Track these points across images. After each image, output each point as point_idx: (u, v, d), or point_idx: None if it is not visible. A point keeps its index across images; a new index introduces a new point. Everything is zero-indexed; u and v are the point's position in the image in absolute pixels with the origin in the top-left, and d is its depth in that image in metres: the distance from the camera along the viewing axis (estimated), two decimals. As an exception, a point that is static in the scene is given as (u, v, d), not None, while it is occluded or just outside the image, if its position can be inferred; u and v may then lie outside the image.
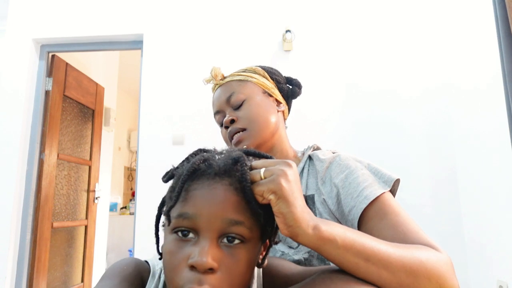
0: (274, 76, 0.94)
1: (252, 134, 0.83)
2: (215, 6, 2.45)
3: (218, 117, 0.90)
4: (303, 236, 0.47)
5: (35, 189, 2.51)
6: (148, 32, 2.47)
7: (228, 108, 0.88)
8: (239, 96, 0.86)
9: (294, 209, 0.46)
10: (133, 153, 5.62)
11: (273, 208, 0.47)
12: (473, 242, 1.90)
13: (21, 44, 2.56)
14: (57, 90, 2.70)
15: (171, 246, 0.47)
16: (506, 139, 1.54)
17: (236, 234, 0.46)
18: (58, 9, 2.58)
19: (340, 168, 0.76)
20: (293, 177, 0.48)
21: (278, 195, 0.46)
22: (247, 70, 0.92)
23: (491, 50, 1.71)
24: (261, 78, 0.91)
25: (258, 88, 0.89)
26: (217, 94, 0.92)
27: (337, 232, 0.49)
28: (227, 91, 0.89)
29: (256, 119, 0.84)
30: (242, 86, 0.88)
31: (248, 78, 0.89)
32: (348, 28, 2.33)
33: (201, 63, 2.38)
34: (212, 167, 0.48)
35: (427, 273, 0.50)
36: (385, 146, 2.14)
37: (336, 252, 0.48)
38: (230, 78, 0.90)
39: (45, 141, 2.58)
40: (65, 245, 2.85)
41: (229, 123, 0.85)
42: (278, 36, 2.35)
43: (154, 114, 2.35)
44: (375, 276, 0.48)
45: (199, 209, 0.46)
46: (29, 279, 2.41)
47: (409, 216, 0.64)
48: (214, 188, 0.47)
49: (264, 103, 0.88)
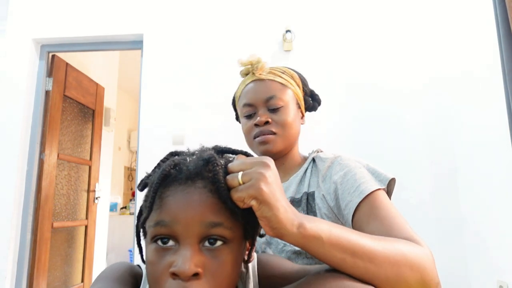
0: (305, 87, 0.97)
1: (281, 140, 0.87)
2: (215, 6, 2.45)
3: (248, 109, 0.90)
4: (288, 236, 0.47)
5: (35, 189, 2.51)
6: (148, 32, 2.47)
7: (263, 108, 0.88)
8: (279, 102, 0.88)
9: (277, 211, 0.46)
10: (133, 153, 5.62)
11: (256, 213, 0.46)
12: (473, 242, 1.90)
13: (21, 44, 2.56)
14: (57, 90, 2.70)
15: (152, 256, 0.46)
16: (506, 138, 1.54)
17: (217, 235, 0.46)
18: (58, 9, 2.58)
19: (340, 166, 0.79)
20: (273, 178, 0.47)
21: (260, 200, 0.45)
22: (286, 73, 0.93)
23: (491, 49, 1.71)
24: (296, 87, 0.93)
25: (294, 98, 0.92)
26: (255, 89, 0.90)
27: (322, 229, 0.49)
28: (267, 91, 0.88)
29: (288, 128, 0.87)
30: (283, 92, 0.89)
31: (288, 85, 0.91)
32: (348, 28, 2.33)
33: (201, 63, 2.38)
34: (182, 171, 0.47)
35: (409, 264, 0.52)
36: (385, 145, 2.14)
37: (322, 249, 0.49)
38: (272, 77, 0.90)
39: (45, 141, 2.58)
40: (65, 245, 2.85)
41: (263, 123, 0.87)
42: (278, 36, 2.35)
43: (154, 114, 2.35)
44: (362, 270, 0.49)
45: (175, 215, 0.45)
46: (29, 279, 2.41)
47: (398, 212, 0.67)
48: (187, 193, 0.46)
49: (295, 114, 0.91)
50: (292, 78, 0.93)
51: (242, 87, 0.94)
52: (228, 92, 2.37)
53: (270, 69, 0.92)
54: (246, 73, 0.94)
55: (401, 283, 0.51)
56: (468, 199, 1.96)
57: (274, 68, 0.93)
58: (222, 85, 2.33)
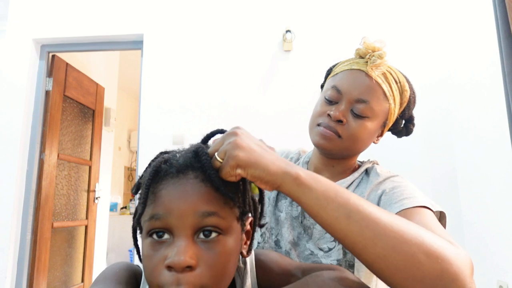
0: (407, 110, 0.85)
1: (341, 147, 0.76)
2: (215, 6, 2.45)
3: (333, 94, 0.78)
4: (284, 185, 0.46)
5: (35, 189, 2.51)
6: (148, 32, 2.47)
7: (348, 104, 0.76)
8: (367, 111, 0.75)
9: (264, 165, 0.46)
10: (133, 153, 5.62)
11: (248, 178, 0.47)
12: (473, 242, 1.90)
13: (21, 44, 2.56)
14: (57, 90, 2.70)
15: (148, 250, 0.46)
16: (506, 137, 1.54)
17: (212, 226, 0.46)
18: (58, 9, 2.58)
19: (393, 183, 0.72)
20: (245, 141, 0.47)
21: (242, 165, 0.46)
22: (399, 84, 0.80)
23: (491, 49, 1.71)
24: (397, 106, 0.80)
25: (386, 115, 0.79)
26: (354, 81, 0.77)
27: (319, 181, 0.47)
28: (364, 92, 0.76)
29: (357, 142, 0.77)
30: (379, 103, 0.76)
31: (390, 98, 0.78)
32: (348, 28, 2.33)
33: (201, 63, 2.38)
34: (173, 165, 0.48)
35: (425, 250, 0.43)
36: (385, 145, 2.14)
37: (316, 202, 0.46)
38: (381, 81, 0.77)
39: (45, 141, 2.58)
40: (65, 245, 2.85)
41: (336, 120, 0.75)
42: (278, 36, 2.35)
43: (154, 114, 2.35)
44: (356, 237, 0.44)
45: (169, 208, 0.45)
46: (29, 279, 2.41)
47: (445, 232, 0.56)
48: (180, 185, 0.46)
49: (374, 132, 0.79)
50: (401, 94, 0.81)
51: (347, 66, 0.81)
52: (228, 92, 2.38)
53: (387, 69, 0.79)
54: (361, 56, 0.81)
55: (410, 269, 0.42)
56: (468, 199, 1.96)
57: (391, 70, 0.80)
58: (222, 85, 2.33)
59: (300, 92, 2.28)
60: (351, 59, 0.82)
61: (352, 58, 0.83)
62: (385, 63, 0.78)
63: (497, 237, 1.72)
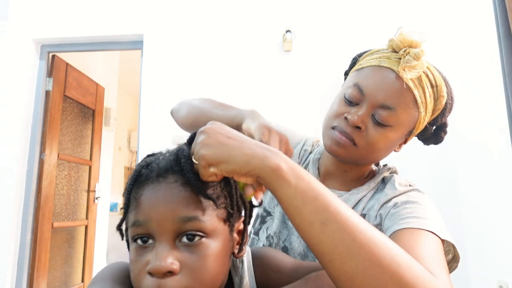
0: (441, 117, 0.74)
1: (356, 155, 0.67)
2: (215, 6, 2.45)
3: (354, 93, 0.67)
4: (262, 176, 0.42)
5: (36, 189, 2.51)
6: (148, 32, 2.47)
7: (369, 108, 0.66)
8: (391, 119, 0.65)
9: (237, 158, 0.43)
10: (133, 153, 5.61)
11: (224, 175, 0.45)
12: (473, 242, 1.90)
13: (21, 44, 2.56)
14: (57, 90, 2.70)
15: (132, 255, 0.47)
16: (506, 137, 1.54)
17: (193, 230, 0.45)
18: (58, 9, 2.58)
19: (407, 197, 0.65)
20: (212, 137, 0.45)
21: (212, 163, 0.44)
22: (437, 88, 0.69)
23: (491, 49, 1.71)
24: (428, 114, 0.70)
25: (411, 124, 0.68)
26: (382, 81, 0.66)
27: (302, 178, 0.42)
28: (391, 97, 0.65)
29: (374, 152, 0.68)
30: (407, 113, 0.66)
31: (421, 105, 0.67)
32: (348, 28, 2.33)
33: (201, 63, 2.38)
34: (153, 169, 0.48)
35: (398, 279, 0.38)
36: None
37: (291, 201, 0.41)
38: (413, 85, 0.66)
39: (45, 141, 2.58)
40: (65, 245, 2.85)
41: (354, 126, 0.66)
42: (278, 36, 2.35)
43: (154, 114, 2.35)
44: (327, 247, 0.39)
45: (148, 214, 0.45)
46: (29, 279, 2.41)
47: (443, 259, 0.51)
48: (159, 189, 0.46)
49: (396, 141, 0.69)
50: (435, 101, 0.69)
51: (375, 61, 0.69)
52: (228, 91, 2.38)
53: (425, 71, 0.69)
54: (394, 50, 0.70)
55: None
56: (468, 199, 1.96)
57: (428, 71, 0.69)
58: (222, 85, 2.33)
59: (300, 92, 2.28)
60: (382, 51, 0.71)
61: (383, 50, 0.71)
62: (422, 64, 0.67)
63: (497, 237, 1.72)
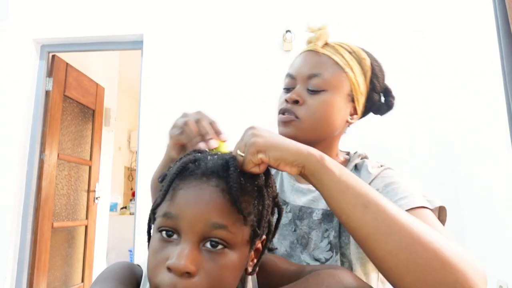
0: (376, 79, 0.78)
1: (303, 129, 0.71)
2: (215, 6, 2.45)
3: (288, 81, 0.77)
4: (308, 165, 0.47)
5: (35, 189, 2.50)
6: (148, 32, 2.47)
7: (303, 85, 0.73)
8: (322, 84, 0.71)
9: (285, 147, 0.47)
10: (133, 153, 5.61)
11: (271, 163, 0.47)
12: (473, 242, 1.90)
13: (21, 44, 2.56)
14: (57, 90, 2.70)
15: (155, 245, 0.47)
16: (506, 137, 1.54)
17: (219, 238, 0.45)
18: (58, 9, 2.57)
19: (383, 179, 0.68)
20: (261, 130, 0.49)
21: (262, 149, 0.46)
22: (354, 54, 0.76)
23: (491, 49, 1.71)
24: (359, 76, 0.74)
25: (347, 87, 0.73)
26: (303, 60, 0.76)
27: (342, 168, 0.47)
28: (314, 67, 0.73)
29: (318, 120, 0.71)
30: (333, 74, 0.72)
31: (346, 67, 0.73)
32: (348, 28, 2.33)
33: (201, 63, 2.38)
34: (200, 167, 0.48)
35: (442, 259, 0.39)
36: (385, 145, 2.14)
37: (337, 186, 0.46)
38: (329, 53, 0.74)
39: (45, 141, 2.58)
40: (65, 245, 2.85)
41: (292, 102, 0.72)
42: (278, 36, 2.35)
43: (154, 114, 2.35)
44: (371, 227, 0.43)
45: (183, 210, 0.46)
46: (29, 279, 2.41)
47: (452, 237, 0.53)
48: (200, 189, 0.46)
49: (340, 107, 0.73)
50: (358, 63, 0.75)
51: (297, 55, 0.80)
52: (228, 91, 2.38)
53: (336, 43, 0.77)
54: (309, 42, 0.81)
55: (421, 273, 0.40)
56: (468, 199, 1.96)
57: (342, 43, 0.77)
58: (222, 85, 2.33)
59: (300, 92, 2.27)
60: None
61: None
62: (325, 33, 0.77)
63: (497, 237, 1.72)
